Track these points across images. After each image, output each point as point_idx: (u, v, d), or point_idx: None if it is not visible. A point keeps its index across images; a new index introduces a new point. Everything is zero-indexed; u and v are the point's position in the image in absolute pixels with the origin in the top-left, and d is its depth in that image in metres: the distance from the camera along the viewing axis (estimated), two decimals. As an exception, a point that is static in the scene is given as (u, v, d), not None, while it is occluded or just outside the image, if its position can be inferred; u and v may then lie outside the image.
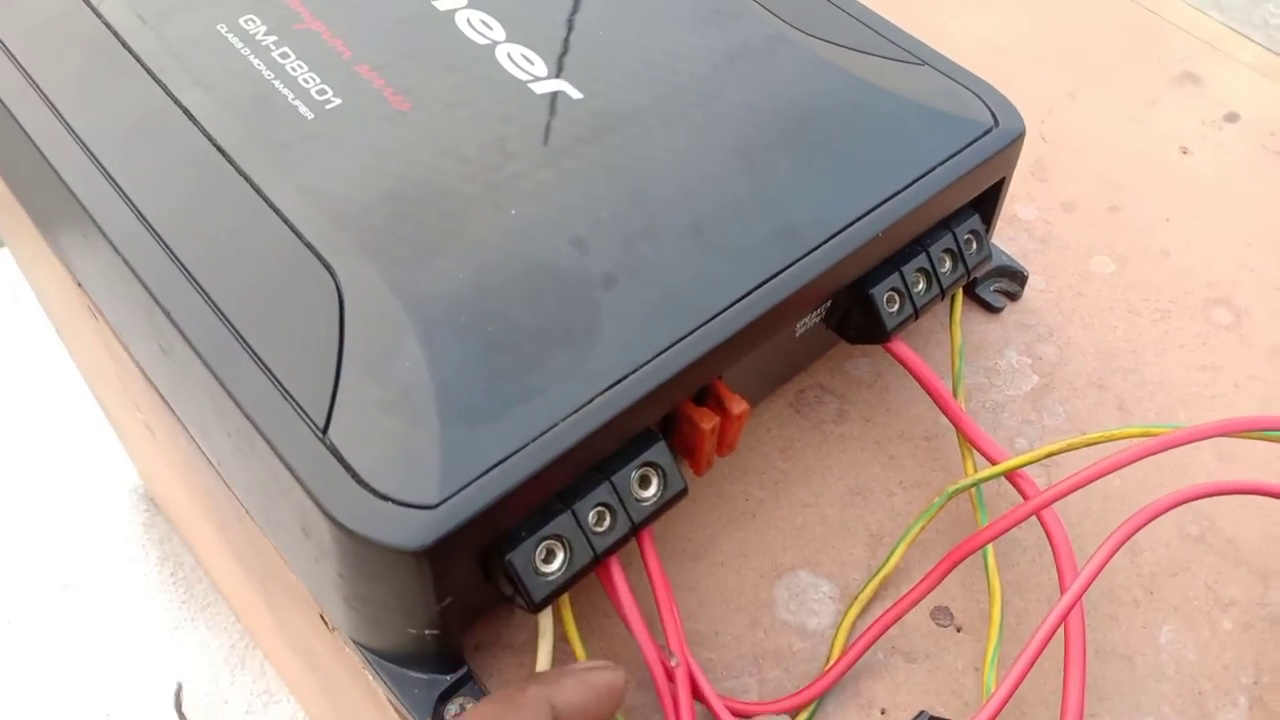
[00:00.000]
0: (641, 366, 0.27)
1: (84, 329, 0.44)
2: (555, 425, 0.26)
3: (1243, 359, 0.38)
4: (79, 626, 0.79)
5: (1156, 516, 0.29)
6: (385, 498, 0.24)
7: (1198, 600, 0.32)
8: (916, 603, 0.30)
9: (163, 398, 0.34)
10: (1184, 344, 0.38)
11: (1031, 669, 0.27)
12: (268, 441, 0.25)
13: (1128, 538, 0.28)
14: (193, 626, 0.78)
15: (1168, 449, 0.28)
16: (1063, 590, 0.28)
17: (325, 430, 0.25)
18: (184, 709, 0.42)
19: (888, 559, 0.31)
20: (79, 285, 0.37)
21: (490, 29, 0.34)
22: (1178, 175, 0.43)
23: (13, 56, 0.33)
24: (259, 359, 0.26)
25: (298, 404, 0.26)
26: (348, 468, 0.25)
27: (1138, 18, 0.49)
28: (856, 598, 0.31)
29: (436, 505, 0.24)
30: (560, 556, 0.26)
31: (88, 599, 0.80)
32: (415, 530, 0.24)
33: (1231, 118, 0.45)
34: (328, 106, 0.31)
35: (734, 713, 0.28)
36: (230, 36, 0.33)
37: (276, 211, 0.29)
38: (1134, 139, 0.44)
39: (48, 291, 0.58)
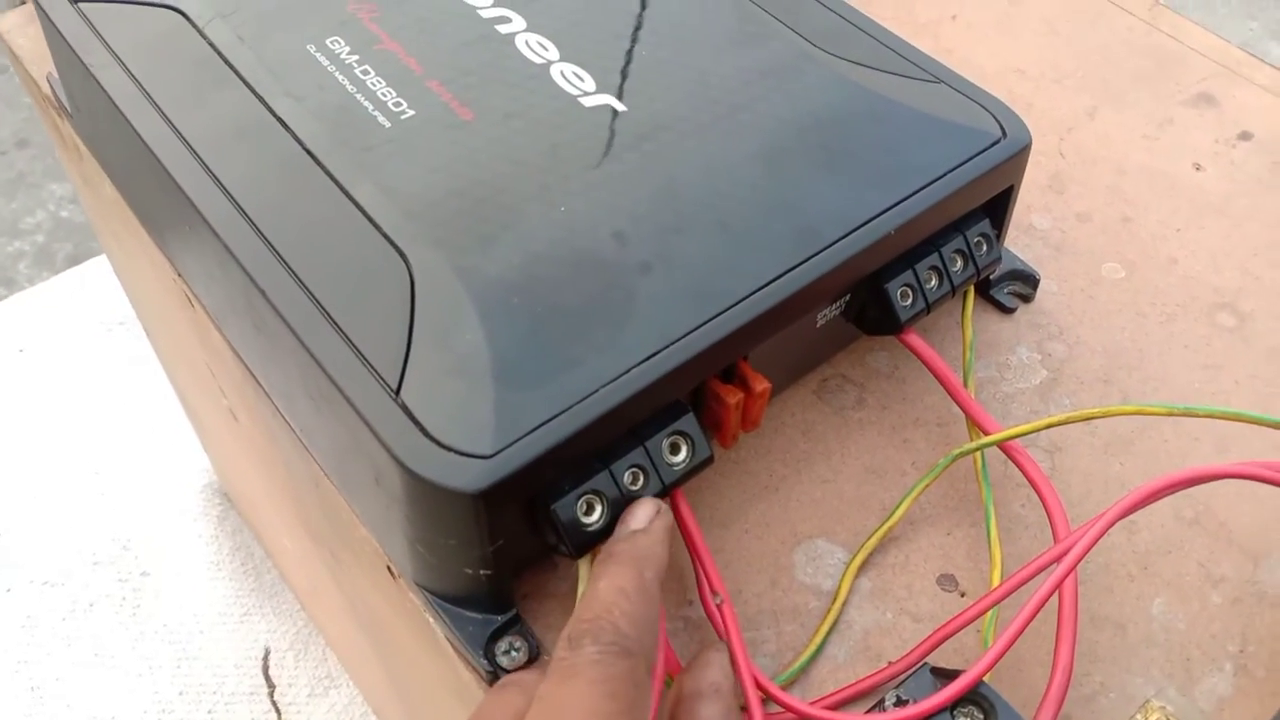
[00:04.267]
0: (672, 344, 0.30)
1: (178, 320, 0.49)
2: (594, 392, 0.29)
3: (1244, 359, 0.40)
4: (158, 610, 0.85)
5: (1150, 499, 0.31)
6: (448, 449, 0.28)
7: (1190, 576, 0.35)
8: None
9: (251, 374, 0.39)
10: (1188, 344, 0.40)
11: (1027, 629, 0.30)
12: (349, 401, 0.29)
13: (1124, 514, 0.31)
14: (261, 613, 0.83)
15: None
16: (1056, 539, 0.31)
17: (398, 391, 0.29)
18: (270, 673, 0.45)
19: (893, 512, 0.35)
20: (178, 276, 0.42)
21: (546, 50, 0.38)
22: (1189, 190, 0.46)
23: (128, 69, 0.38)
24: (342, 331, 0.31)
25: (374, 369, 0.30)
26: (417, 423, 0.29)
27: (1158, 42, 0.52)
28: (863, 546, 0.34)
29: (491, 455, 0.28)
30: (599, 509, 0.30)
31: (166, 584, 0.86)
32: (473, 476, 0.28)
33: (1245, 136, 0.48)
34: (402, 116, 0.36)
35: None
36: (318, 55, 0.38)
37: (358, 206, 0.33)
38: (1149, 155, 0.47)
39: (141, 290, 0.64)
